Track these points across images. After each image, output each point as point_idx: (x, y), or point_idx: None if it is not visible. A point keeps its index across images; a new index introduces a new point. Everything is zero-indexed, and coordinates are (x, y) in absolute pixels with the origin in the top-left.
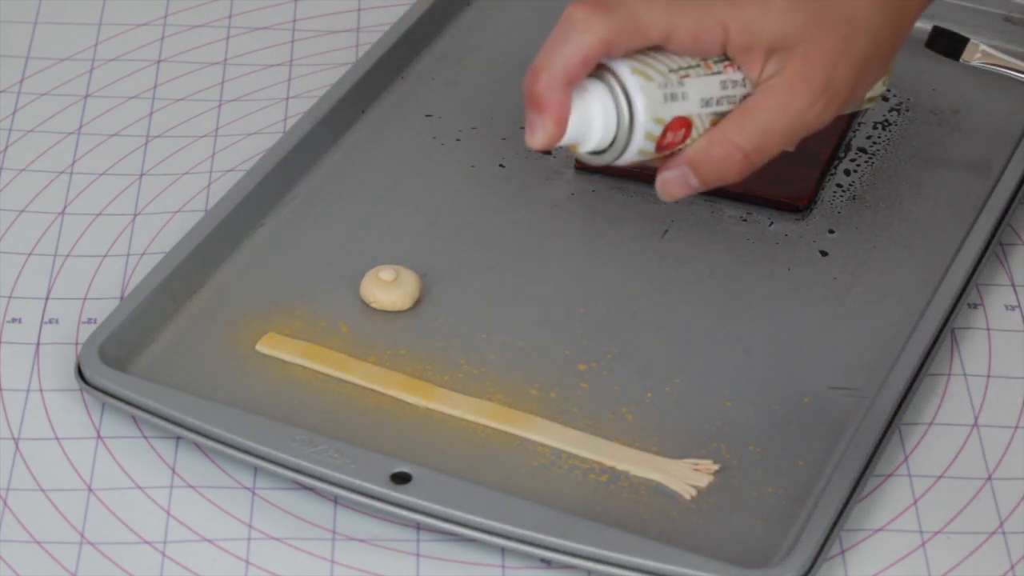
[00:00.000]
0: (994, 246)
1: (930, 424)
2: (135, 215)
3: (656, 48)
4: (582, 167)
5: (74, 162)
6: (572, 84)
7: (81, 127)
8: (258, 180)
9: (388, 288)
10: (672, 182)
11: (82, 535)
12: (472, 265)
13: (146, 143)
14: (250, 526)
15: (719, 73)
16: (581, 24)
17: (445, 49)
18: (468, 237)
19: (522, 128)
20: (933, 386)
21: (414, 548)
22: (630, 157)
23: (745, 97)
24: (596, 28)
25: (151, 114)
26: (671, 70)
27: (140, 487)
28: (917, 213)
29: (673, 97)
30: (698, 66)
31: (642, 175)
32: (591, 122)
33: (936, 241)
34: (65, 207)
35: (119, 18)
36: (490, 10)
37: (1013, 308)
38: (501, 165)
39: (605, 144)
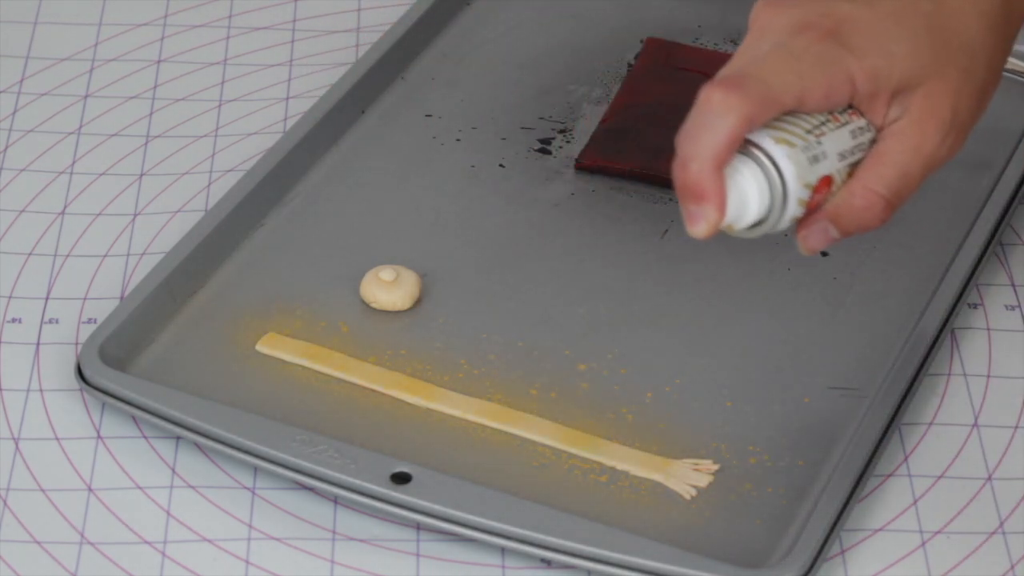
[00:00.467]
0: (994, 246)
1: (930, 424)
2: (135, 215)
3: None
4: (582, 167)
5: (74, 162)
6: (723, 168)
7: (81, 127)
8: (258, 180)
9: (388, 288)
10: (813, 236)
11: (82, 535)
12: (472, 265)
13: (146, 143)
14: (250, 526)
15: (847, 124)
16: (720, 107)
17: (445, 49)
18: (468, 237)
19: (522, 128)
20: (933, 386)
21: (414, 548)
22: (784, 225)
23: (872, 142)
24: (736, 108)
25: (151, 114)
26: (807, 131)
27: (140, 487)
28: (917, 213)
29: (816, 159)
30: (828, 121)
31: (642, 175)
32: (747, 200)
33: (936, 241)
34: (65, 207)
35: (119, 18)
36: (490, 10)
37: (1013, 308)
38: (501, 165)
39: (761, 217)
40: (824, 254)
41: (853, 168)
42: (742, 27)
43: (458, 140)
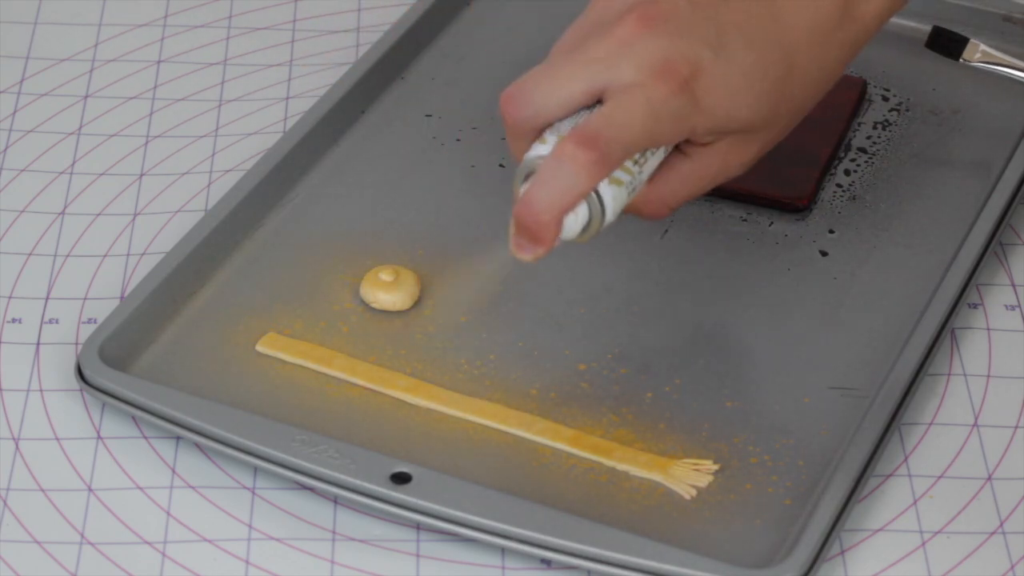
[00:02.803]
0: (994, 246)
1: (930, 424)
2: (135, 215)
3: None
4: None
5: (74, 162)
6: (568, 211)
7: (81, 127)
8: (258, 180)
9: (388, 288)
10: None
11: (82, 535)
12: (472, 265)
13: (146, 143)
14: (250, 526)
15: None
16: (574, 167)
17: (445, 49)
18: (468, 237)
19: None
20: (933, 386)
21: (414, 548)
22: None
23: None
24: (590, 171)
25: (151, 114)
26: (634, 162)
27: (140, 487)
28: (917, 213)
29: (634, 190)
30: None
31: None
32: (567, 226)
33: (936, 241)
34: (65, 207)
35: (119, 19)
36: (490, 10)
37: (1013, 308)
38: (501, 165)
39: (574, 236)
40: (824, 254)
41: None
42: None
43: (458, 140)
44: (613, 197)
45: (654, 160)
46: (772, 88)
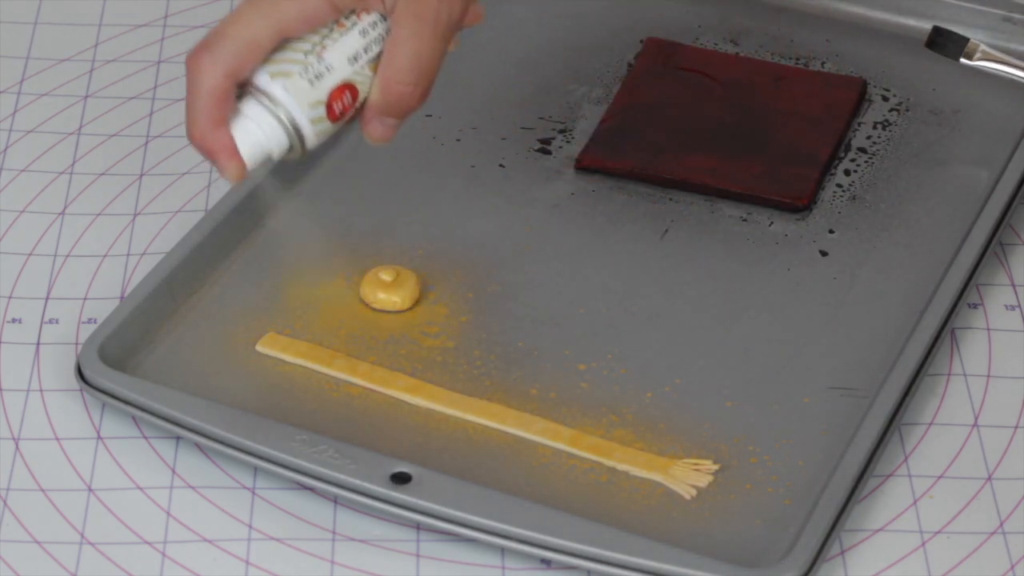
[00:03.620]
0: (994, 246)
1: (930, 424)
2: (135, 215)
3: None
4: (582, 167)
5: (74, 162)
6: (220, 121)
7: (81, 127)
8: (258, 180)
9: (388, 288)
10: (374, 130)
11: (82, 535)
12: (472, 265)
13: (146, 143)
14: (250, 526)
15: (355, 25)
16: (195, 73)
17: None
18: (468, 237)
19: (522, 128)
20: (933, 386)
21: (414, 548)
22: (317, 141)
23: (388, 30)
24: (209, 71)
25: (151, 114)
26: (307, 52)
27: (140, 487)
28: (917, 213)
29: (319, 76)
30: (333, 31)
31: (642, 175)
32: (259, 139)
33: (936, 241)
34: (65, 207)
35: (119, 19)
36: (490, 10)
37: (1013, 308)
38: (501, 165)
39: (287, 146)
40: (824, 254)
41: (378, 60)
42: (742, 27)
43: (458, 140)
44: (284, 87)
45: (345, 41)
46: None
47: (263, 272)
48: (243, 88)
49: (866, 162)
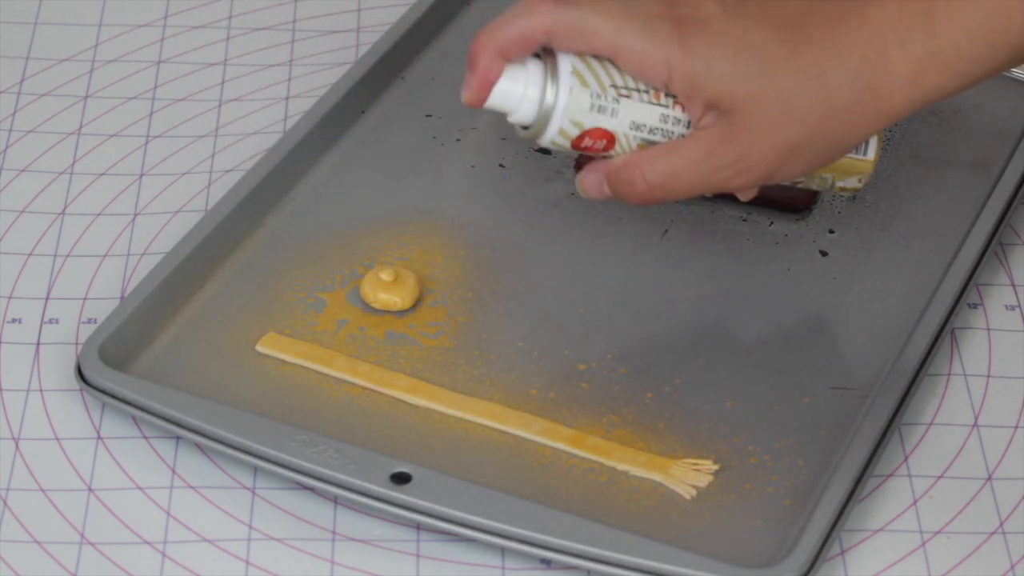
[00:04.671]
0: (994, 246)
1: (930, 424)
2: (135, 215)
3: (611, 61)
4: (582, 167)
5: (74, 162)
6: (506, 55)
7: (81, 127)
8: (258, 180)
9: (388, 288)
10: (588, 184)
11: (82, 535)
12: (472, 265)
13: (146, 143)
14: (250, 526)
15: (664, 107)
16: (528, 8)
17: (445, 49)
18: (468, 237)
19: (523, 128)
20: (933, 386)
21: (414, 548)
22: (546, 142)
23: (681, 137)
24: (540, 15)
25: (151, 114)
26: (612, 85)
27: (140, 487)
28: (917, 213)
29: (601, 110)
30: (646, 92)
31: None
32: (520, 98)
33: (936, 241)
34: (65, 207)
35: (119, 19)
36: (490, 10)
37: (1013, 308)
38: (501, 165)
39: (527, 122)
40: (824, 254)
41: (649, 145)
42: None
43: (458, 140)
44: (571, 87)
45: (644, 109)
46: (759, 70)
47: (263, 272)
48: (545, 53)
49: None
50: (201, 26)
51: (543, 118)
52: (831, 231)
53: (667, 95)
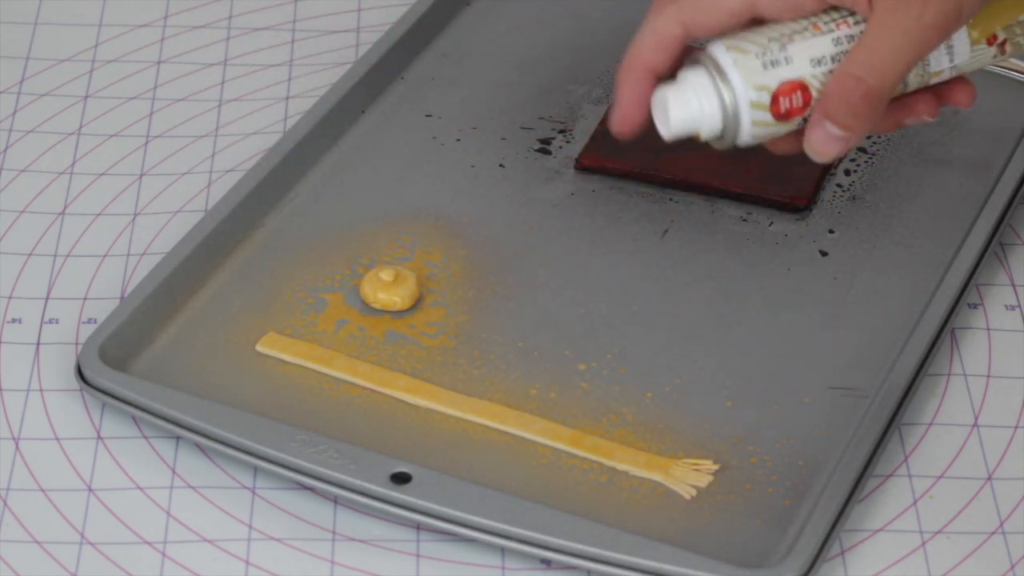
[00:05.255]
0: (994, 246)
1: (930, 424)
2: (135, 215)
3: (761, 23)
4: (582, 167)
5: (74, 162)
6: (651, 71)
7: (81, 127)
8: (258, 180)
9: (388, 288)
10: (816, 139)
11: (82, 535)
12: (472, 265)
13: (146, 143)
14: (250, 526)
15: (831, 32)
16: (656, 11)
17: (445, 49)
18: (468, 237)
19: (522, 128)
20: (933, 386)
21: (414, 548)
22: (748, 132)
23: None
24: (667, 13)
25: (151, 114)
26: (771, 39)
27: (140, 487)
28: (917, 213)
29: (775, 63)
30: (805, 30)
31: (642, 175)
32: (695, 112)
33: (936, 241)
34: (65, 207)
35: (119, 19)
36: (490, 10)
37: (1013, 308)
38: (501, 165)
39: (719, 127)
40: (824, 254)
41: None
42: None
43: (458, 140)
44: (734, 62)
45: (814, 42)
46: None
47: (263, 272)
48: (693, 57)
49: (866, 162)
50: (201, 26)
51: (729, 107)
52: (831, 231)
53: (826, 22)
